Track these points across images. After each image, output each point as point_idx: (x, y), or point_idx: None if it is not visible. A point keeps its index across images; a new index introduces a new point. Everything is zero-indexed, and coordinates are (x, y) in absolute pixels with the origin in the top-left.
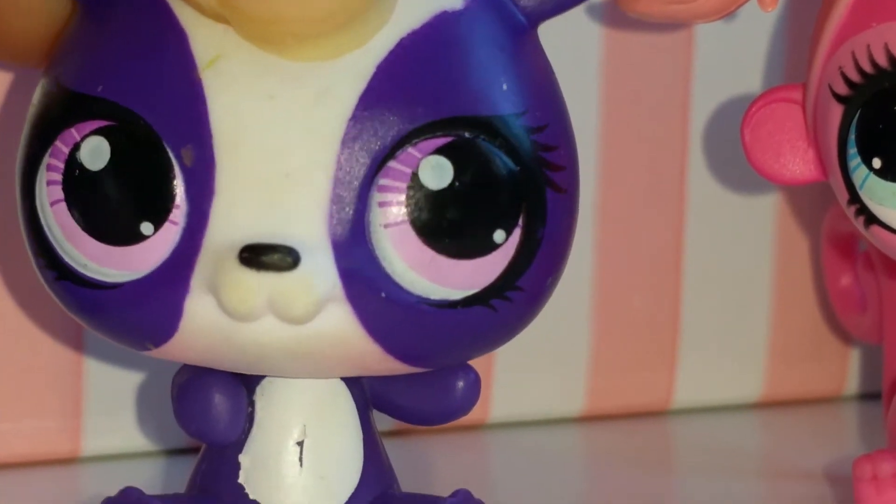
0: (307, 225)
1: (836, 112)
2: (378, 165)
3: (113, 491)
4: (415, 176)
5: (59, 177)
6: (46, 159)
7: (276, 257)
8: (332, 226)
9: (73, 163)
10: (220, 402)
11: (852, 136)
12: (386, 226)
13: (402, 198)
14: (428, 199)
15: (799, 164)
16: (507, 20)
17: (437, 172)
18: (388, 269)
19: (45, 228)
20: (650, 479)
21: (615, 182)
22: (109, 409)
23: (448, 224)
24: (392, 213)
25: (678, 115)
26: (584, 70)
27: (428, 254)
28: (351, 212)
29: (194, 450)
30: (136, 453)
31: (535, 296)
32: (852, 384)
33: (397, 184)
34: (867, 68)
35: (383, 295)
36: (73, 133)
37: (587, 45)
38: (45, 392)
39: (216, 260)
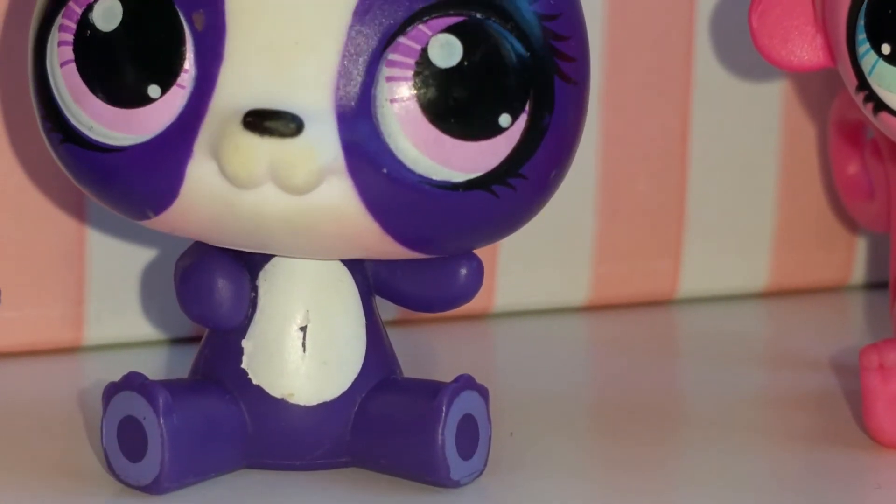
0: (313, 94)
1: None
2: (388, 40)
3: (115, 379)
4: (424, 53)
5: (70, 37)
6: (59, 20)
7: (279, 123)
8: (338, 97)
9: (85, 23)
10: (222, 286)
11: (861, 22)
12: (392, 101)
13: (410, 74)
14: (435, 77)
15: (807, 50)
16: None
17: (447, 51)
18: (392, 145)
19: (54, 90)
20: (654, 369)
21: (621, 68)
22: (112, 298)
23: (454, 103)
24: (399, 88)
25: (685, 1)
26: None
27: (432, 132)
28: (358, 84)
29: (197, 339)
30: (138, 342)
31: (538, 185)
32: (859, 273)
33: (406, 60)
34: None
35: (385, 170)
36: None
37: None
38: (46, 281)
39: (220, 124)
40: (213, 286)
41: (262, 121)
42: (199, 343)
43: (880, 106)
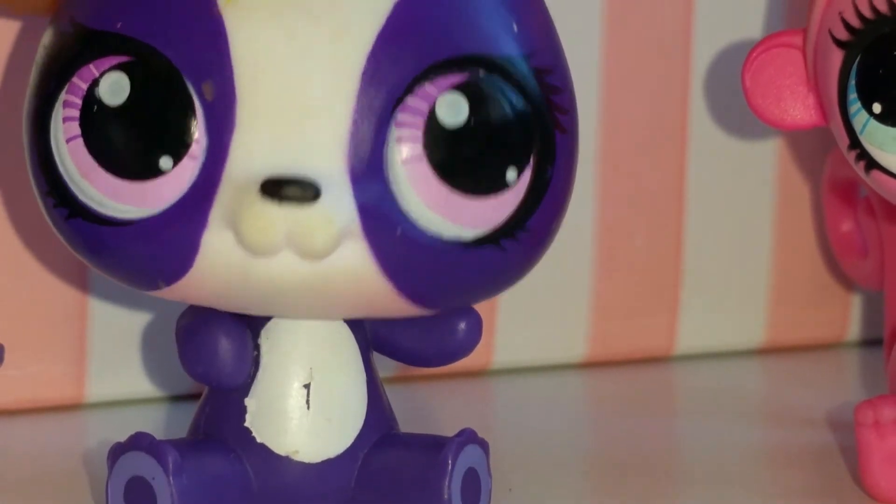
0: (327, 158)
1: (837, 57)
2: (396, 101)
3: (117, 437)
4: (432, 112)
5: (76, 113)
6: (63, 96)
7: (297, 190)
8: (351, 160)
9: (91, 99)
10: (225, 345)
11: (853, 82)
12: (403, 162)
13: (419, 134)
14: (444, 136)
15: (800, 109)
16: None
17: (454, 109)
18: (404, 206)
19: (59, 166)
20: (652, 426)
21: (617, 126)
22: (114, 355)
23: (463, 161)
24: (409, 149)
25: (680, 60)
26: (586, 15)
27: (443, 191)
28: (370, 147)
29: (196, 395)
30: (140, 399)
31: (541, 237)
32: (854, 330)
33: (415, 120)
34: (867, 13)
35: (399, 232)
36: (92, 69)
37: None
38: (48, 338)
39: (236, 193)
40: (216, 346)
41: (279, 188)
42: (198, 400)
43: (872, 164)
